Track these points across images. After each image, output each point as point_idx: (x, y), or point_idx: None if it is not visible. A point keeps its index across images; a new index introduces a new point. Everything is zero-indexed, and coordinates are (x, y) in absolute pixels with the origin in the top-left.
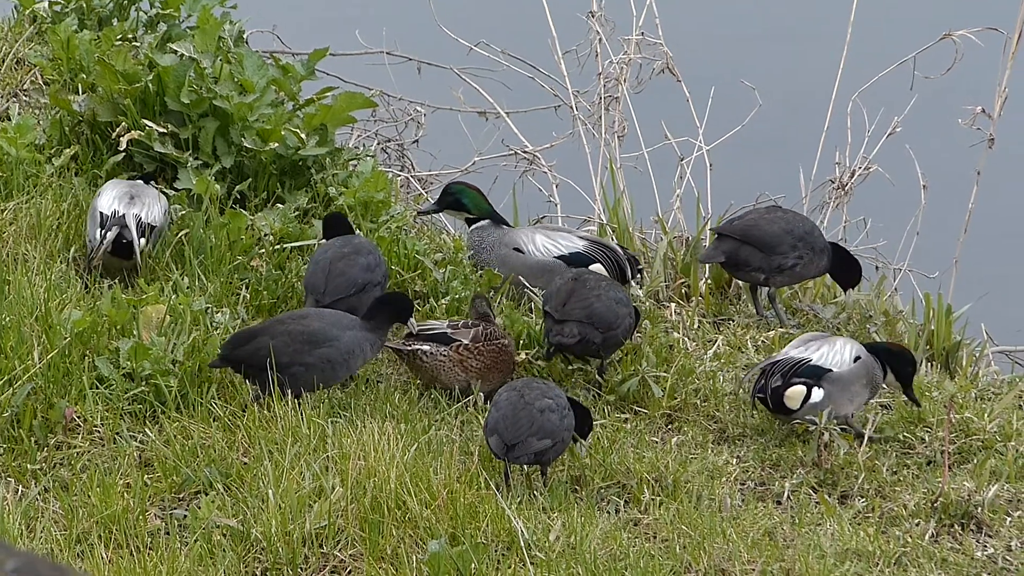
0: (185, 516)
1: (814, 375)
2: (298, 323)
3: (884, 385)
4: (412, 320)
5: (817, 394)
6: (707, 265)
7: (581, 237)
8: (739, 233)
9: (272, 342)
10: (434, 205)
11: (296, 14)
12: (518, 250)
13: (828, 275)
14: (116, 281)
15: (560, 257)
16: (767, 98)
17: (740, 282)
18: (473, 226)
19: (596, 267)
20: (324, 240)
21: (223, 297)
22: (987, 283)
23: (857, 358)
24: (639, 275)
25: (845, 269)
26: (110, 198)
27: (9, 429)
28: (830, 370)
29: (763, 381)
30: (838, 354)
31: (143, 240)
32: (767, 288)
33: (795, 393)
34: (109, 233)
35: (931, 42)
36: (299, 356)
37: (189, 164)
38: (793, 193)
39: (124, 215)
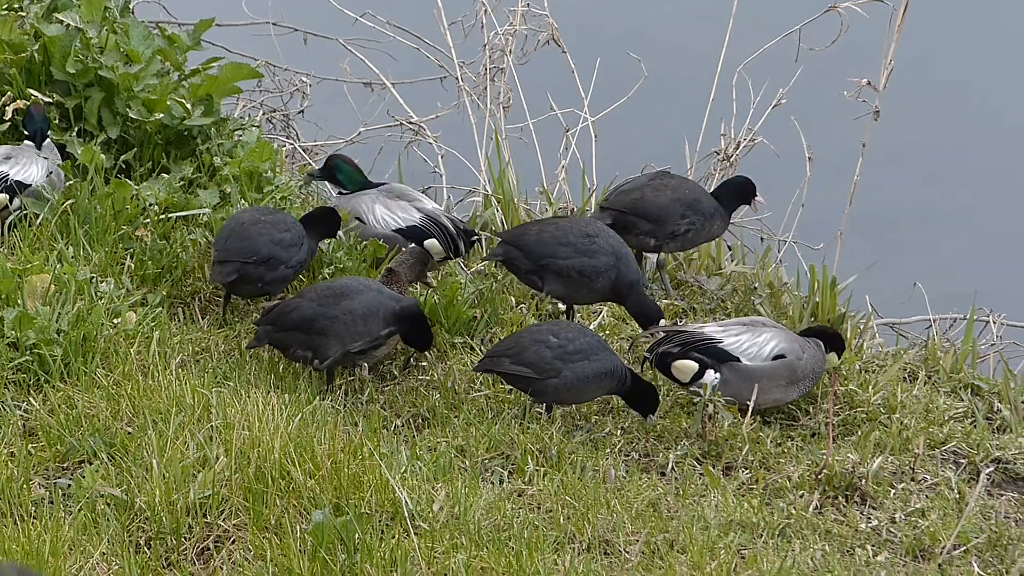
0: (69, 485)
1: (716, 358)
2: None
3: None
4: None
5: (711, 376)
6: None
7: (419, 209)
8: (625, 207)
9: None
10: (319, 171)
11: None
12: (360, 220)
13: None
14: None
15: (398, 230)
16: (652, 69)
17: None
18: (338, 195)
19: (431, 242)
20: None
21: (108, 267)
22: (872, 255)
23: (780, 356)
24: (472, 248)
25: (737, 195)
26: None
27: None
28: (737, 359)
29: (658, 345)
30: (756, 347)
31: (7, 196)
32: (655, 256)
33: (684, 367)
34: None
35: (817, 14)
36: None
37: (72, 139)
38: (678, 164)
39: None
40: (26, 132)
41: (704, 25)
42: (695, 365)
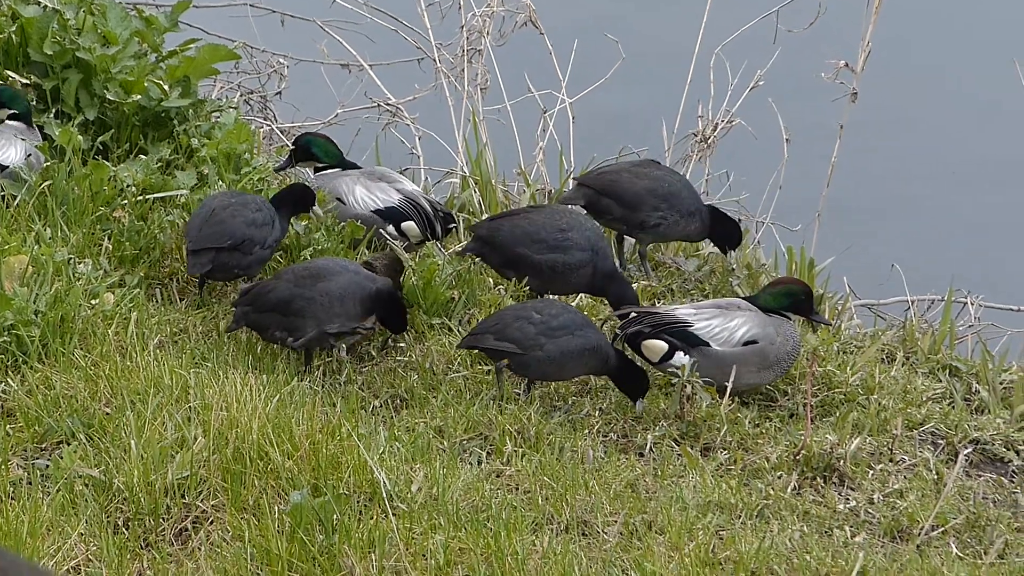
0: (47, 466)
1: (686, 341)
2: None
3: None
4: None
5: (681, 358)
6: None
7: (399, 190)
8: (600, 188)
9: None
10: (287, 160)
11: None
12: (340, 200)
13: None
14: None
15: (376, 211)
16: (630, 51)
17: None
18: (317, 173)
19: (408, 224)
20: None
21: (85, 248)
22: (849, 237)
23: (751, 342)
24: (450, 231)
25: (722, 233)
26: None
27: None
28: (707, 344)
29: (630, 325)
30: (727, 331)
31: None
32: (633, 241)
33: (654, 347)
34: None
35: None
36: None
37: (50, 120)
38: (656, 146)
39: None
40: (15, 111)
41: (682, 7)
42: (664, 345)
